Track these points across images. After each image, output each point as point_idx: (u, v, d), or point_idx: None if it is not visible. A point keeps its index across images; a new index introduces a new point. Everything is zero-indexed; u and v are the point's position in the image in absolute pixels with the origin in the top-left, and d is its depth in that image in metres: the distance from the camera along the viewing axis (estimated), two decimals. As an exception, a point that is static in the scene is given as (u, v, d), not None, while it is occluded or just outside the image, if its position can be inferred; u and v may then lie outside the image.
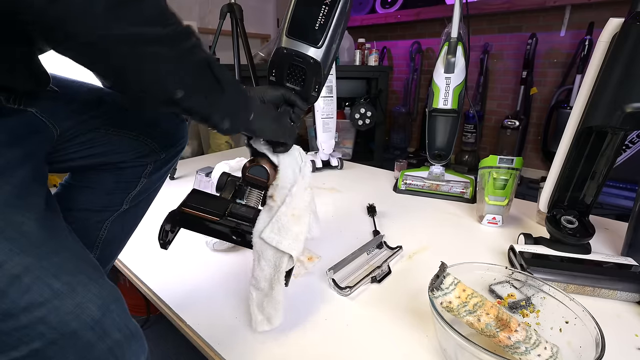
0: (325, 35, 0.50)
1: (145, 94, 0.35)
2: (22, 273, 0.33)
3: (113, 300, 0.38)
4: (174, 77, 0.35)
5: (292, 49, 0.51)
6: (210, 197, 0.58)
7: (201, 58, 0.37)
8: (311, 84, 0.54)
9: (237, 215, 0.55)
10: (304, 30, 0.51)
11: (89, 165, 0.57)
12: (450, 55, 1.14)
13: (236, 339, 0.59)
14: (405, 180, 1.27)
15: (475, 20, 2.47)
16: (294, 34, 0.51)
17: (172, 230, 0.56)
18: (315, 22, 0.50)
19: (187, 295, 0.70)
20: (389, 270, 0.77)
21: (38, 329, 0.33)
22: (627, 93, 0.63)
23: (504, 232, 0.96)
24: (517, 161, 0.94)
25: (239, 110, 0.45)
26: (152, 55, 0.32)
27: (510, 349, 0.48)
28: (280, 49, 0.52)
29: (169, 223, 0.55)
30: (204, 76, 0.38)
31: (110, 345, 0.37)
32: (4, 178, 0.35)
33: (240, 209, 0.56)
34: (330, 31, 0.50)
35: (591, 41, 2.07)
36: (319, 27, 0.50)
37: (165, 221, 0.54)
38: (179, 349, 0.96)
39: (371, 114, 2.10)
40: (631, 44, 0.63)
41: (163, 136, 0.61)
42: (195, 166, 1.30)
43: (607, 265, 0.71)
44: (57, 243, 0.38)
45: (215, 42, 1.62)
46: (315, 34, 0.50)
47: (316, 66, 0.52)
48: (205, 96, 0.39)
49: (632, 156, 1.89)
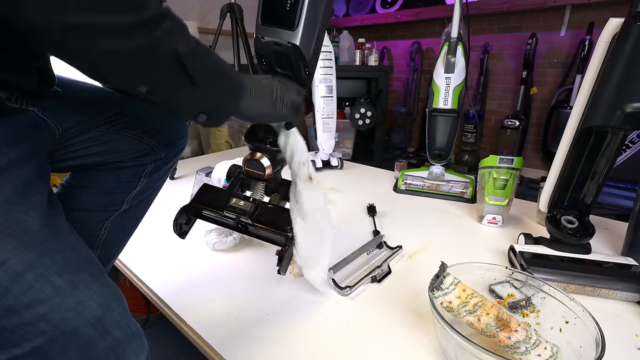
0: (299, 16, 0.47)
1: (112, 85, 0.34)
2: (25, 270, 0.33)
3: (114, 299, 0.38)
4: (134, 72, 0.33)
5: (269, 36, 0.49)
6: (218, 192, 0.65)
7: (169, 51, 0.33)
8: (300, 68, 0.53)
9: (235, 209, 0.60)
10: (276, 15, 0.48)
11: (89, 165, 0.57)
12: (450, 55, 1.14)
13: (236, 339, 0.59)
14: (405, 180, 1.27)
15: (475, 20, 2.47)
16: (266, 20, 0.49)
17: (186, 222, 0.64)
18: (286, 4, 0.47)
19: (187, 295, 0.70)
20: (389, 270, 0.77)
21: (40, 326, 0.33)
22: (627, 93, 0.63)
23: (504, 232, 0.96)
24: (517, 161, 0.94)
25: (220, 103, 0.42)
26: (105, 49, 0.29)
27: (510, 349, 0.48)
28: (258, 38, 0.50)
29: (183, 217, 0.63)
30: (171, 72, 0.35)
31: (111, 344, 0.37)
32: (7, 176, 0.35)
33: (238, 203, 0.60)
34: (303, 11, 0.47)
35: (591, 41, 2.07)
36: (290, 9, 0.47)
37: (179, 215, 0.62)
38: (179, 349, 0.96)
39: (371, 114, 2.10)
40: (631, 44, 0.63)
41: (163, 135, 0.61)
42: (195, 166, 1.30)
43: (607, 265, 0.71)
44: (60, 241, 0.38)
45: (216, 42, 1.62)
46: (287, 16, 0.47)
47: (296, 50, 0.49)
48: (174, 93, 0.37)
49: (632, 156, 1.89)
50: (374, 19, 2.99)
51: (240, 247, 0.88)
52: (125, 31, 0.29)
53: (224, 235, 0.86)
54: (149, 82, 0.34)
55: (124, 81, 0.34)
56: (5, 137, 0.37)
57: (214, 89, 0.40)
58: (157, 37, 0.32)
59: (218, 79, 0.40)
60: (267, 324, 0.62)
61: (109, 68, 0.32)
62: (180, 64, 0.35)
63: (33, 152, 0.40)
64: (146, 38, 0.31)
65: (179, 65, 0.35)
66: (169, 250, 0.88)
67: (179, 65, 0.35)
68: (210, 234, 0.87)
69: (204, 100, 0.40)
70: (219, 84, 0.40)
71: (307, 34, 0.49)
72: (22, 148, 0.38)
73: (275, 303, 0.68)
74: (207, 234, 0.87)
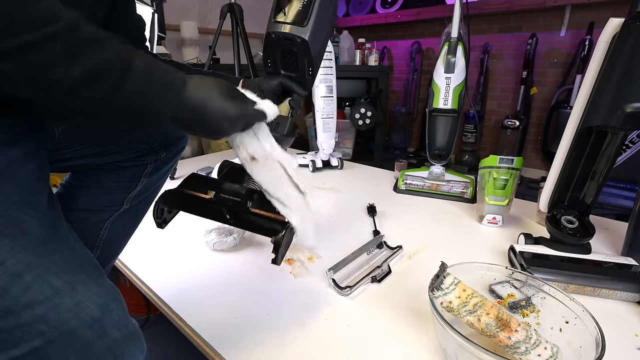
0: (310, 14, 0.51)
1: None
2: (23, 271, 0.33)
3: (112, 300, 0.38)
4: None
5: (279, 32, 0.52)
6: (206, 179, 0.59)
7: (56, 77, 0.29)
8: (304, 67, 0.55)
9: (228, 191, 0.54)
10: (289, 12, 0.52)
11: (89, 165, 0.57)
12: (450, 55, 1.14)
13: (236, 339, 0.59)
14: (405, 180, 1.27)
15: (475, 20, 2.47)
16: (279, 18, 0.52)
17: (168, 210, 0.57)
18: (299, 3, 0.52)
19: (187, 296, 0.70)
20: (389, 270, 0.77)
21: (38, 327, 0.33)
22: (627, 93, 0.63)
23: (504, 232, 0.96)
24: (517, 161, 0.94)
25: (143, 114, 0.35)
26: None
27: (510, 349, 0.48)
28: (269, 34, 0.53)
29: (164, 202, 0.55)
30: (70, 97, 0.30)
31: (109, 344, 0.37)
32: (6, 176, 0.35)
33: (232, 187, 0.54)
34: (314, 10, 0.51)
35: (591, 41, 2.07)
36: (302, 7, 0.51)
37: (160, 199, 0.55)
38: (179, 349, 0.96)
39: (371, 114, 2.10)
40: (631, 44, 0.63)
41: (163, 135, 0.61)
42: (195, 166, 1.30)
43: (607, 265, 0.71)
44: (58, 242, 0.38)
45: (216, 42, 1.62)
46: (299, 14, 0.51)
47: (304, 45, 0.52)
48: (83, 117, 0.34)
49: (632, 156, 1.89)
50: (374, 19, 2.99)
51: (240, 247, 0.88)
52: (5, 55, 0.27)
53: (224, 235, 0.86)
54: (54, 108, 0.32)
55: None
56: (4, 136, 0.37)
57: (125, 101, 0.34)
58: (45, 58, 0.28)
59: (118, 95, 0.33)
60: (267, 324, 0.62)
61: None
62: (71, 93, 0.30)
63: (32, 151, 0.40)
64: (24, 66, 0.28)
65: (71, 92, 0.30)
66: (169, 250, 0.88)
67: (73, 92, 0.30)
68: (210, 234, 0.87)
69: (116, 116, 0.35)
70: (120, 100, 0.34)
71: (315, 32, 0.52)
72: (21, 148, 0.38)
73: (275, 303, 0.68)
74: (207, 234, 0.87)
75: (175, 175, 1.41)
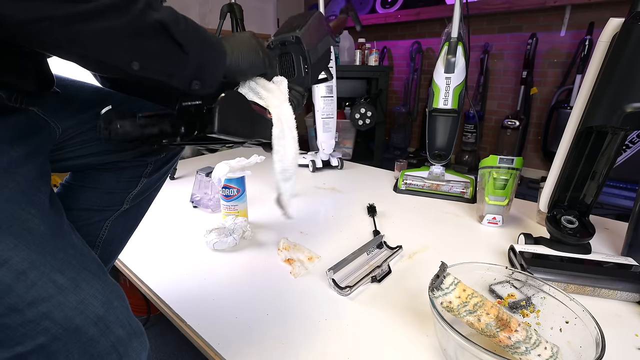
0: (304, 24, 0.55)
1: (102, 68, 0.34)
2: (27, 269, 0.33)
3: (116, 297, 0.39)
4: (124, 50, 0.33)
5: (276, 39, 0.56)
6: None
7: (154, 22, 0.33)
8: (300, 66, 0.56)
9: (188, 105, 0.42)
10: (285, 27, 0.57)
11: (89, 165, 0.57)
12: (450, 55, 1.14)
13: (236, 338, 0.59)
14: (405, 180, 1.27)
15: (475, 20, 2.48)
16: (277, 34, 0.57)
17: (121, 116, 0.44)
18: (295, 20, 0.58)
19: (187, 295, 0.70)
20: (389, 270, 0.77)
21: (43, 324, 0.33)
22: (627, 93, 0.63)
23: (504, 232, 0.96)
24: (517, 161, 0.94)
25: (209, 65, 0.41)
26: (91, 33, 0.30)
27: (510, 349, 0.48)
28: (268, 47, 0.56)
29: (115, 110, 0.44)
30: (160, 43, 0.35)
31: (113, 341, 0.37)
32: (9, 176, 0.35)
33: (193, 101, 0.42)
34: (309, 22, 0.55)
35: (591, 41, 2.07)
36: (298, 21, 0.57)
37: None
38: (179, 349, 0.96)
39: (371, 114, 2.10)
40: (631, 44, 0.63)
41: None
42: (195, 166, 1.30)
43: (607, 265, 0.71)
44: (61, 240, 0.38)
45: (216, 42, 1.62)
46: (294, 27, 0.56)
47: (297, 42, 0.54)
48: (166, 63, 0.37)
49: (632, 156, 1.89)
50: (374, 19, 2.99)
51: (240, 247, 0.88)
52: (105, 12, 0.30)
53: (224, 235, 0.86)
54: (140, 57, 0.34)
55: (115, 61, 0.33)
56: (6, 136, 0.37)
57: (201, 52, 0.40)
58: (141, 8, 0.32)
59: (202, 42, 0.40)
60: (267, 324, 0.62)
61: (99, 52, 0.32)
62: (167, 33, 0.35)
63: (34, 151, 0.40)
64: (128, 14, 0.31)
65: (165, 34, 0.35)
66: (169, 250, 0.88)
67: (166, 34, 0.35)
68: (210, 234, 0.87)
69: (194, 65, 0.39)
70: (204, 46, 0.40)
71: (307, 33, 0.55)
72: (23, 147, 0.38)
73: (275, 303, 0.68)
74: (207, 234, 0.87)
75: (175, 175, 1.41)
